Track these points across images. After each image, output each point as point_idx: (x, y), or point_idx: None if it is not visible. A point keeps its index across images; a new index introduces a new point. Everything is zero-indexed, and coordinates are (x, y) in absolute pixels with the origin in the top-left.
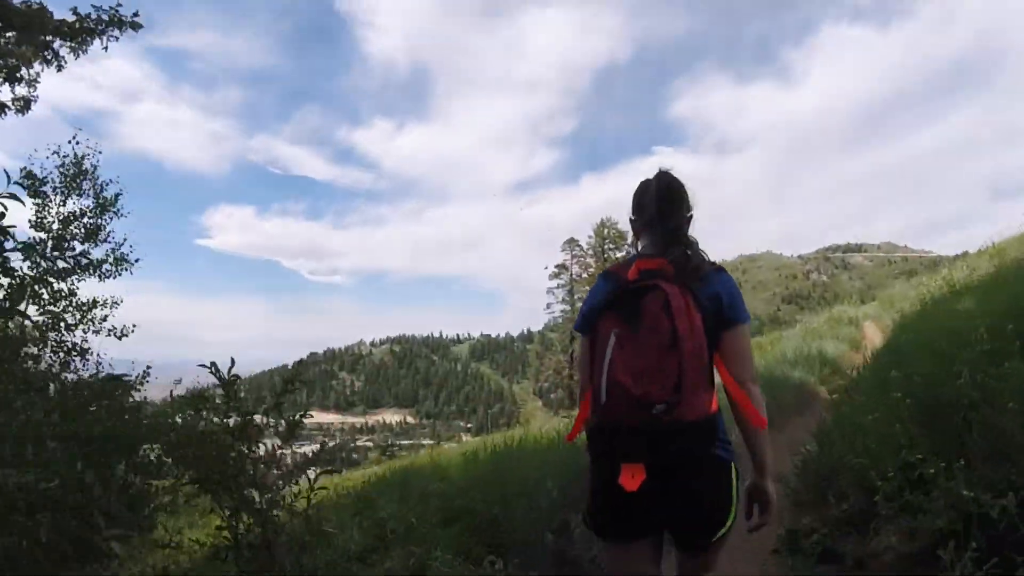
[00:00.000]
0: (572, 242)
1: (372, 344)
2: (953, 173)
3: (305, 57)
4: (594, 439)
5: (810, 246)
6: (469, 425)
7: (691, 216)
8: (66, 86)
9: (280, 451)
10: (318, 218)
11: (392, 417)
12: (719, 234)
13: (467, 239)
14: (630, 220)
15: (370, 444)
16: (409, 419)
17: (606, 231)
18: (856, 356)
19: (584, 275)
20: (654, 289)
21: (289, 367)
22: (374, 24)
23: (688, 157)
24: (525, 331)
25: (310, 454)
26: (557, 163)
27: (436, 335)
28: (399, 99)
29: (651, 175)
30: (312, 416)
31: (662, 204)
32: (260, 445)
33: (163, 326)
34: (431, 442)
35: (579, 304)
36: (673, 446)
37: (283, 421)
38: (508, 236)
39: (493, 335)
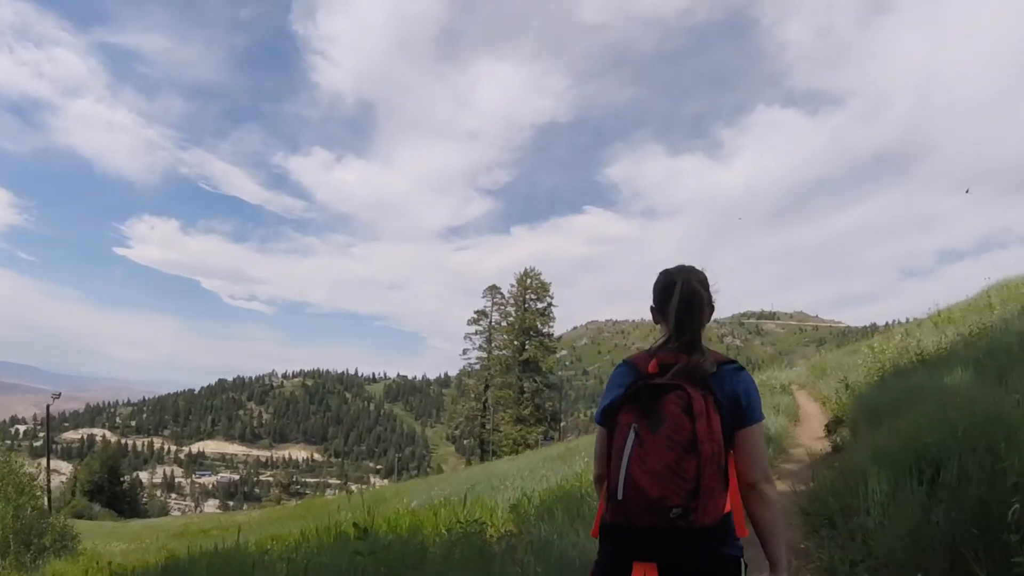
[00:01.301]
0: (494, 289)
1: (284, 376)
2: (866, 253)
3: (253, 76)
4: (607, 536)
5: (726, 311)
6: (379, 467)
7: (712, 311)
8: (9, 69)
9: None
10: (243, 241)
11: (299, 453)
12: (640, 294)
13: (393, 279)
14: (651, 308)
15: (277, 479)
16: (317, 456)
17: (528, 281)
18: (797, 431)
19: (503, 323)
20: (676, 389)
21: (196, 392)
22: (327, 54)
23: (617, 219)
24: (442, 375)
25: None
26: (490, 212)
27: (351, 372)
28: (341, 132)
29: (673, 267)
30: None
31: (684, 315)
32: None
33: (68, 335)
34: (338, 482)
35: (496, 351)
36: (687, 549)
37: None
38: (434, 279)
39: (410, 376)
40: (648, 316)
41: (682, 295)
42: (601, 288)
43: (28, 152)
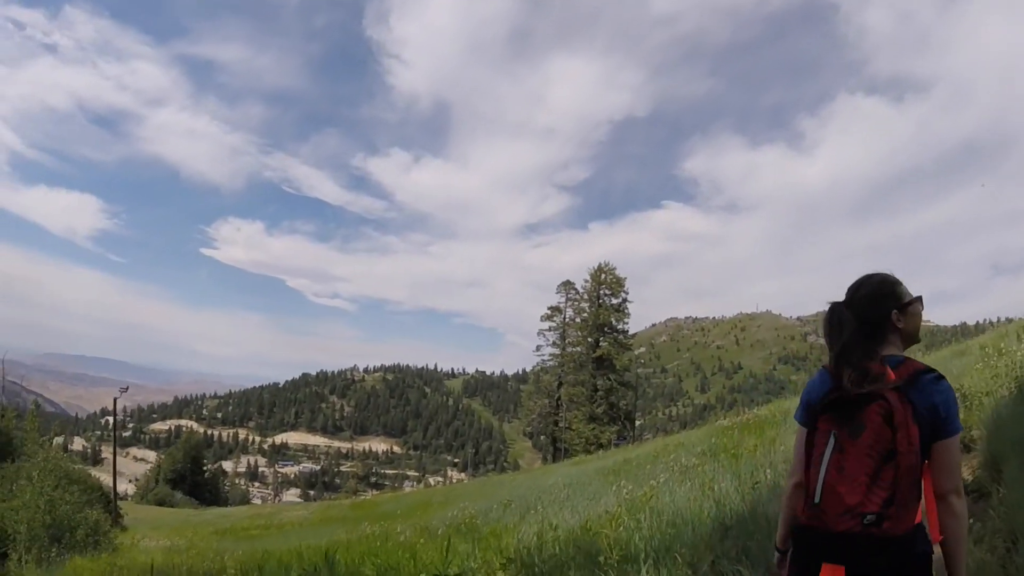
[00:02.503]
0: (568, 285)
1: (365, 370)
2: (955, 249)
3: (330, 81)
4: (800, 538)
5: (810, 309)
6: (456, 460)
7: (898, 311)
8: (93, 83)
9: None
10: (326, 241)
11: (379, 445)
12: (721, 291)
13: (471, 276)
14: None
15: (354, 470)
16: (396, 449)
17: (603, 276)
18: None
19: (577, 319)
20: (878, 398)
21: (280, 385)
22: (402, 57)
23: (697, 214)
24: (520, 371)
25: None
26: (567, 209)
27: (430, 367)
28: (418, 133)
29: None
30: None
31: (828, 339)
32: None
33: (157, 332)
34: (416, 474)
35: (569, 348)
36: (878, 557)
37: None
38: (511, 277)
39: (488, 372)
40: (728, 312)
41: (825, 321)
42: (681, 285)
43: (115, 161)
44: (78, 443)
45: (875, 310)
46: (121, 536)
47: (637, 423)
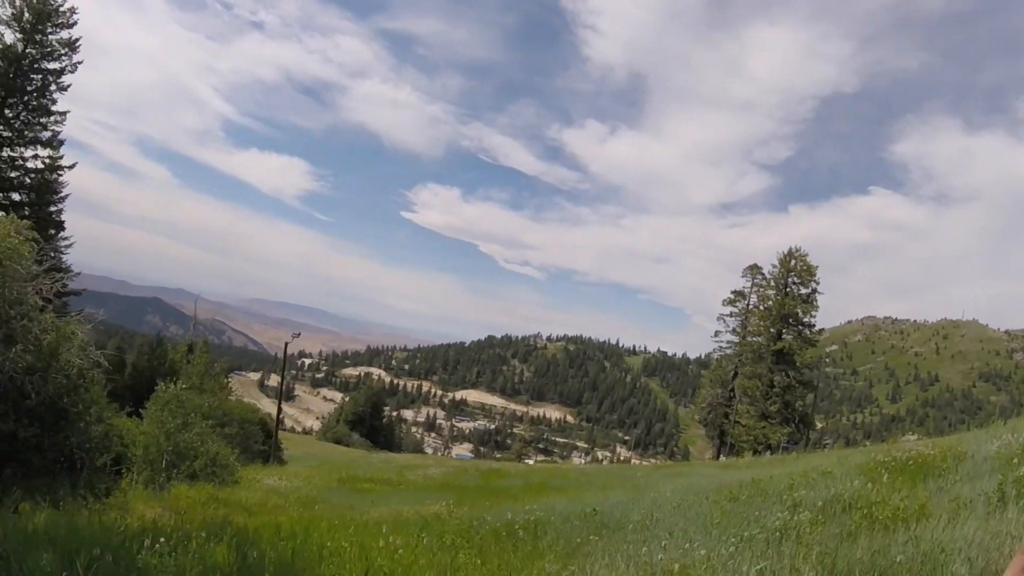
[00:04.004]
0: (754, 269)
1: (548, 338)
2: None
3: (525, 52)
4: None
5: (1020, 322)
6: (627, 438)
7: None
8: (299, 57)
9: None
10: (519, 209)
11: (553, 413)
12: (925, 290)
13: (660, 252)
14: None
15: (523, 434)
16: (569, 418)
17: (792, 262)
18: None
19: (761, 307)
20: None
21: (466, 344)
22: (596, 27)
23: (905, 203)
24: (702, 355)
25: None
26: (766, 189)
27: (612, 341)
28: (613, 104)
29: None
30: None
31: None
32: None
33: (355, 286)
34: (585, 446)
35: (749, 337)
36: None
37: None
38: (702, 256)
39: (669, 353)
40: (931, 316)
41: None
42: (882, 280)
43: (321, 128)
44: (274, 380)
45: None
46: (256, 471)
47: (818, 426)
